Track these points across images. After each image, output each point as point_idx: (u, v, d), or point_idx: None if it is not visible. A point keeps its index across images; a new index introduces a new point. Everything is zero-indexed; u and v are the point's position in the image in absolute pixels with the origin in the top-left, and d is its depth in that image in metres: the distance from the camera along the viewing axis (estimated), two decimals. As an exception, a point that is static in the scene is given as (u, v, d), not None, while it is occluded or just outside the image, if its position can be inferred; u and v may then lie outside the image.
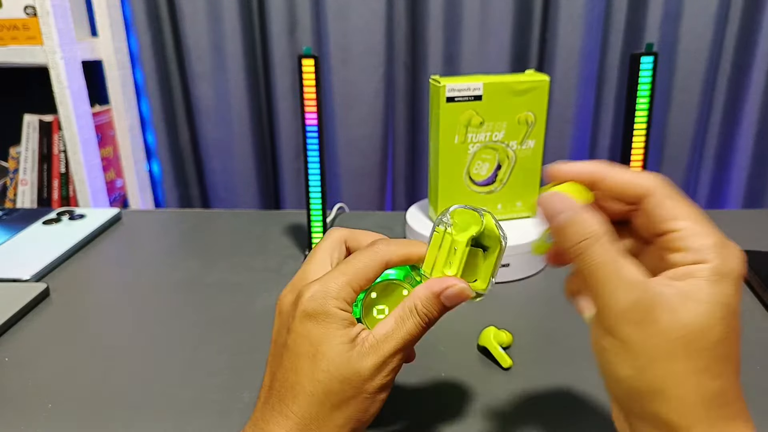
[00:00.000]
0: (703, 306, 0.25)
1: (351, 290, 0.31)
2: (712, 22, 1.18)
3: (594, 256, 0.26)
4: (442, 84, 0.57)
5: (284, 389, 0.30)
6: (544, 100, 0.59)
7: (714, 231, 0.27)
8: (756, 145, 1.28)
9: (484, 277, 0.33)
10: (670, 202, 0.27)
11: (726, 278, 0.25)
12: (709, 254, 0.26)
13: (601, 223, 0.27)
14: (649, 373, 0.25)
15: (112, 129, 1.38)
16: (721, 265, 0.25)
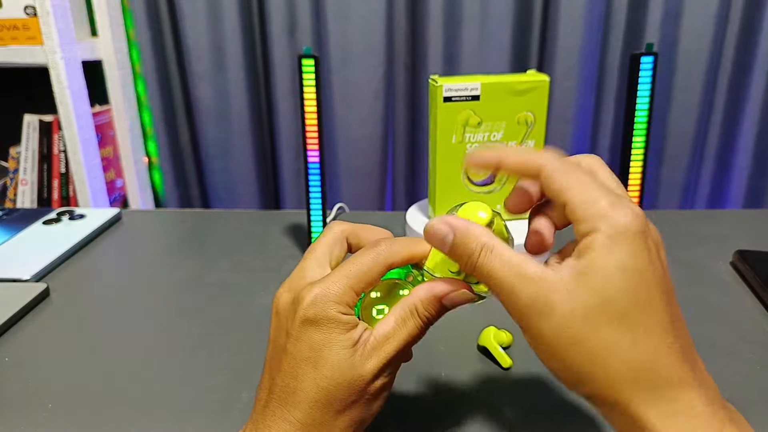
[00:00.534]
0: (598, 280, 0.25)
1: (353, 293, 0.30)
2: (712, 21, 1.18)
3: (488, 265, 0.27)
4: (440, 84, 0.57)
5: (285, 394, 0.30)
6: (543, 101, 0.59)
7: (602, 195, 0.26)
8: (757, 145, 1.28)
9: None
10: (559, 175, 0.27)
11: (619, 242, 0.25)
12: (597, 221, 0.25)
13: (486, 233, 0.28)
14: (569, 361, 0.26)
15: (112, 129, 1.38)
16: (611, 230, 0.25)
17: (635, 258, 0.25)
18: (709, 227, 0.69)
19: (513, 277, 0.26)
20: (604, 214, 0.25)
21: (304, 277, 0.32)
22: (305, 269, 0.32)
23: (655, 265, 0.25)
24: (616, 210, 0.25)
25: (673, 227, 0.69)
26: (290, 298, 0.31)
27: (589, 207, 0.26)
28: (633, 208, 0.26)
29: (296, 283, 0.31)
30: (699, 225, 0.69)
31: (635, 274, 0.25)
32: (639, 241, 0.25)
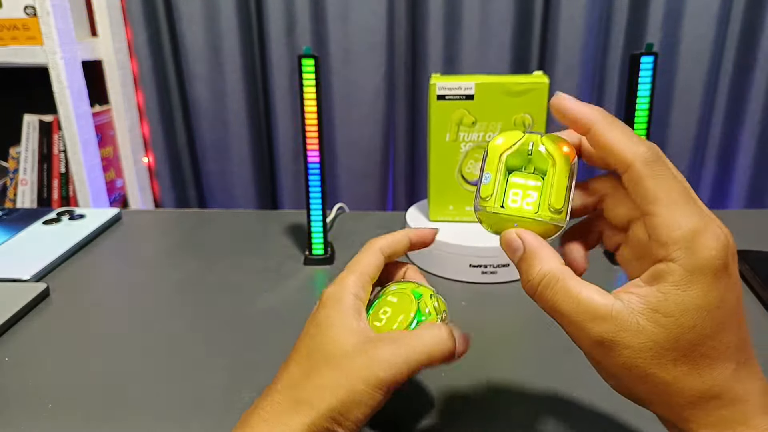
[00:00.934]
0: (671, 319, 0.24)
1: (366, 279, 0.35)
2: (713, 21, 1.18)
3: (551, 298, 0.26)
4: (433, 82, 0.58)
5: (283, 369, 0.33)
6: (543, 103, 0.58)
7: (690, 216, 0.24)
8: (758, 145, 1.28)
9: (545, 203, 0.28)
10: (651, 181, 0.25)
11: (698, 278, 0.24)
12: (679, 251, 0.24)
13: (554, 258, 0.27)
14: (632, 389, 0.26)
15: (112, 129, 1.38)
16: (691, 265, 0.24)
17: (710, 294, 0.24)
18: (710, 227, 0.69)
19: (581, 315, 0.25)
20: (687, 245, 0.24)
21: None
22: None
23: (731, 291, 0.24)
24: (701, 240, 0.24)
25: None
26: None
27: (673, 230, 0.24)
28: (719, 236, 0.24)
29: None
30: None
31: (709, 313, 0.24)
32: (719, 276, 0.24)
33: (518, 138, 0.30)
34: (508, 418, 0.39)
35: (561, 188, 0.28)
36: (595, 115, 0.27)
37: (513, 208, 0.29)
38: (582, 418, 0.39)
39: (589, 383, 0.42)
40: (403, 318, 0.34)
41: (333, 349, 0.31)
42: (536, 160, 0.29)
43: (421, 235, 0.39)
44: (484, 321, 0.51)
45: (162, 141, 1.38)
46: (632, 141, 0.26)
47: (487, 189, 0.29)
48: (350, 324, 0.32)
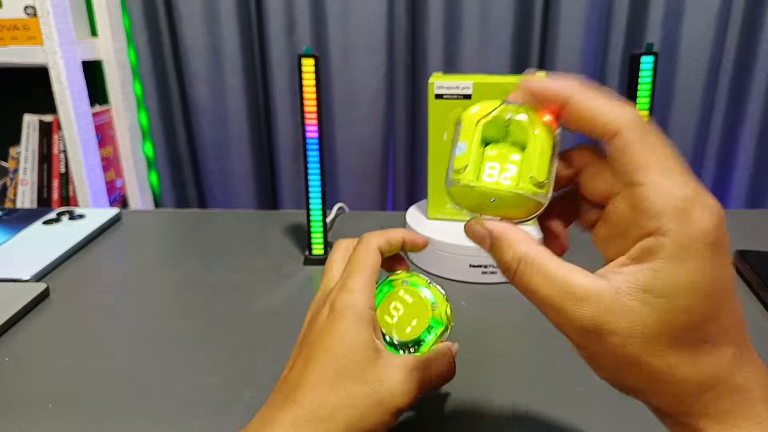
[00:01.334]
0: (663, 299, 0.21)
1: (373, 284, 0.34)
2: (713, 21, 1.18)
3: (528, 282, 0.24)
4: (432, 81, 0.58)
5: (305, 380, 0.31)
6: None
7: (683, 185, 0.22)
8: (758, 145, 1.28)
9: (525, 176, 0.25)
10: (638, 147, 0.22)
11: (692, 253, 0.21)
12: (671, 222, 0.21)
13: (525, 240, 0.24)
14: (624, 379, 0.24)
15: (112, 129, 1.38)
16: (685, 237, 0.21)
17: (708, 272, 0.21)
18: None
19: (560, 296, 0.23)
20: (682, 215, 0.21)
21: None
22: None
23: (725, 267, 0.22)
24: (696, 210, 0.21)
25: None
26: (320, 306, 0.34)
27: (662, 200, 0.21)
28: (712, 206, 0.21)
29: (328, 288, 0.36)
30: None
31: (705, 293, 0.21)
32: (715, 251, 0.21)
33: (495, 106, 0.26)
34: (508, 418, 0.39)
35: (544, 159, 0.25)
36: (571, 87, 0.24)
37: (489, 183, 0.25)
38: (582, 417, 0.39)
39: (589, 382, 0.42)
40: (417, 323, 0.34)
41: (360, 370, 0.31)
42: (515, 132, 0.26)
43: (413, 240, 0.38)
44: (484, 321, 0.51)
45: (162, 141, 1.38)
46: (618, 105, 0.23)
47: (460, 160, 0.26)
48: (373, 344, 0.32)
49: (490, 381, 0.43)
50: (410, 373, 0.31)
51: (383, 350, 0.32)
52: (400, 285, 0.36)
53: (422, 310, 0.35)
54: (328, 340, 0.31)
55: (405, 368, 0.31)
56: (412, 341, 0.34)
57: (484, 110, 0.26)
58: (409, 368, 0.32)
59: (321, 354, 0.31)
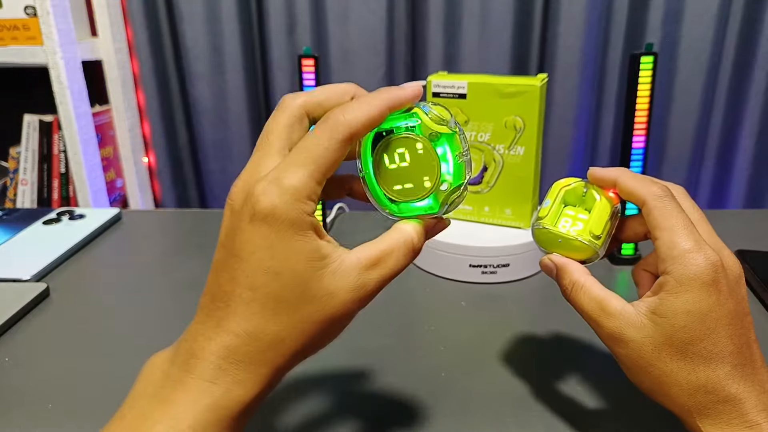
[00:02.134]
0: (665, 319, 0.29)
1: (315, 184, 0.26)
2: (713, 22, 1.18)
3: (577, 300, 0.33)
4: (430, 79, 0.59)
5: (234, 303, 0.26)
6: (534, 107, 0.56)
7: (685, 239, 0.30)
8: (757, 145, 1.28)
9: (587, 230, 0.35)
10: (657, 212, 0.31)
11: (686, 287, 0.29)
12: (673, 265, 0.29)
13: (578, 270, 0.34)
14: (641, 382, 0.31)
15: (112, 129, 1.38)
16: (681, 276, 0.29)
17: (699, 302, 0.29)
18: (709, 227, 0.69)
19: (598, 312, 0.32)
20: (680, 261, 0.29)
21: (259, 171, 0.27)
22: (261, 161, 0.27)
23: (722, 304, 0.29)
24: (691, 258, 0.29)
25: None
26: (243, 195, 0.26)
27: (670, 250, 0.30)
28: (709, 257, 0.29)
29: (251, 177, 0.27)
30: (699, 225, 0.69)
31: (698, 316, 0.29)
32: (706, 287, 0.29)
33: (574, 180, 0.36)
34: (508, 417, 0.39)
35: (602, 220, 0.35)
36: (618, 172, 0.34)
37: (563, 231, 0.35)
38: (582, 416, 0.39)
39: (588, 382, 0.42)
40: (429, 176, 0.30)
41: (303, 287, 0.26)
42: (588, 200, 0.36)
43: (401, 99, 0.29)
44: (484, 321, 0.51)
45: (163, 140, 1.39)
46: (647, 183, 0.33)
47: (544, 210, 0.36)
48: (316, 252, 0.26)
49: (489, 381, 0.43)
50: (366, 274, 0.27)
51: (329, 253, 0.26)
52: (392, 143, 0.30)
53: (430, 163, 0.30)
54: (256, 252, 0.25)
55: (358, 270, 0.27)
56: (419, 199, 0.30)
57: (566, 182, 0.37)
58: (364, 267, 0.27)
59: (252, 271, 0.25)
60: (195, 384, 0.26)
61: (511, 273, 0.58)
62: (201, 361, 0.26)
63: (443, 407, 0.40)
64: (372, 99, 0.28)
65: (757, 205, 1.32)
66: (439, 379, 0.43)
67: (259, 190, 0.25)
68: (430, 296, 0.56)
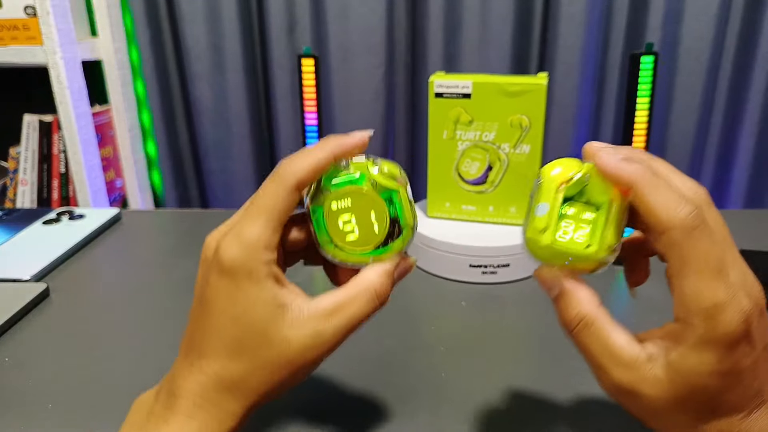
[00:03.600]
0: (686, 378, 0.25)
1: (270, 233, 0.28)
2: (713, 22, 1.18)
3: (583, 340, 0.28)
4: (432, 79, 0.58)
5: (203, 346, 0.28)
6: (540, 105, 0.57)
7: (720, 286, 0.24)
8: (757, 145, 1.28)
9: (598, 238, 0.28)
10: (679, 250, 0.25)
11: (713, 346, 0.24)
12: (698, 320, 0.25)
13: (591, 300, 0.28)
14: (648, 423, 0.28)
15: (112, 129, 1.38)
16: (710, 333, 0.24)
17: (725, 360, 0.25)
18: (710, 227, 0.69)
19: (607, 359, 0.27)
20: (707, 316, 0.24)
21: (229, 226, 0.30)
22: (235, 218, 0.30)
23: (750, 354, 0.25)
24: (721, 315, 0.24)
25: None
26: (213, 248, 0.29)
27: (696, 300, 0.25)
28: (742, 309, 0.24)
29: (220, 232, 0.30)
30: (699, 225, 0.69)
31: (721, 375, 0.25)
32: (735, 344, 0.24)
33: (575, 169, 0.29)
34: (509, 417, 0.39)
35: (619, 225, 0.28)
36: (637, 175, 0.26)
37: (564, 242, 0.28)
38: (583, 419, 0.39)
39: (590, 382, 0.42)
40: (377, 221, 0.30)
41: (262, 334, 0.27)
42: (591, 192, 0.28)
43: (349, 146, 0.30)
44: (484, 321, 0.51)
45: (164, 140, 1.39)
46: (673, 205, 0.25)
47: (542, 221, 0.28)
48: (274, 300, 0.28)
49: (490, 381, 0.43)
50: (323, 323, 0.28)
51: (288, 302, 0.28)
52: (331, 190, 0.30)
53: (370, 202, 0.30)
54: (220, 301, 0.28)
55: (316, 319, 0.28)
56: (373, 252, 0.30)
57: (565, 173, 0.29)
58: (321, 316, 0.28)
59: (217, 318, 0.28)
60: (176, 419, 0.28)
61: (512, 273, 0.58)
62: (180, 399, 0.28)
63: (443, 407, 0.40)
64: (317, 148, 0.29)
65: (757, 205, 1.32)
66: (439, 379, 0.43)
67: (222, 245, 0.28)
68: (430, 296, 0.56)
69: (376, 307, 0.29)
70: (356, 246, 0.30)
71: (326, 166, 0.29)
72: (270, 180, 0.29)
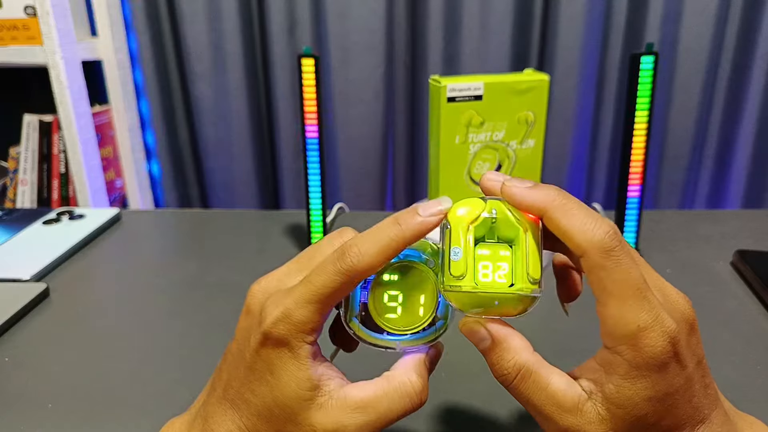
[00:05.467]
0: (625, 410, 0.25)
1: (319, 317, 0.27)
2: (711, 22, 1.18)
3: (524, 392, 0.27)
4: (443, 84, 0.57)
5: (238, 400, 0.29)
6: (543, 100, 0.59)
7: (637, 312, 0.24)
8: (756, 144, 1.28)
9: (520, 274, 0.27)
10: (600, 272, 0.25)
11: (643, 371, 0.24)
12: (623, 347, 0.25)
13: (525, 348, 0.27)
14: None
15: (112, 129, 1.38)
16: (636, 360, 0.24)
17: (659, 384, 0.25)
18: (710, 227, 0.69)
19: (550, 407, 0.26)
20: (634, 342, 0.24)
21: (284, 284, 0.30)
22: (290, 275, 0.30)
23: (682, 373, 0.25)
24: (646, 338, 0.24)
25: (674, 227, 0.69)
26: (262, 303, 0.29)
27: (619, 326, 0.25)
28: (665, 329, 0.24)
29: (273, 287, 0.30)
30: (699, 225, 0.69)
31: (659, 399, 0.25)
32: (665, 366, 0.24)
33: (481, 207, 0.27)
34: (509, 417, 0.39)
35: (536, 256, 0.27)
36: (548, 199, 0.26)
37: (487, 284, 0.27)
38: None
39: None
40: (426, 302, 0.29)
41: (291, 414, 0.27)
42: (501, 228, 0.27)
43: (421, 229, 0.28)
44: (484, 321, 0.51)
45: (165, 140, 1.39)
46: (589, 227, 0.25)
47: (459, 267, 0.27)
48: (308, 383, 0.27)
49: (490, 381, 0.43)
50: (348, 417, 0.27)
51: (321, 386, 0.28)
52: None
53: (420, 282, 0.29)
54: (259, 365, 0.28)
55: (343, 411, 0.27)
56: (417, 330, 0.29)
57: (472, 213, 0.27)
58: (349, 410, 0.27)
59: (255, 380, 0.28)
60: None
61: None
62: None
63: (443, 407, 0.40)
64: (390, 236, 0.27)
65: (756, 204, 1.32)
66: (440, 379, 0.43)
67: (271, 317, 0.27)
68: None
69: (411, 406, 0.28)
70: (393, 326, 0.29)
71: (397, 253, 0.27)
72: (331, 267, 0.27)
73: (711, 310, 0.51)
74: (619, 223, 0.60)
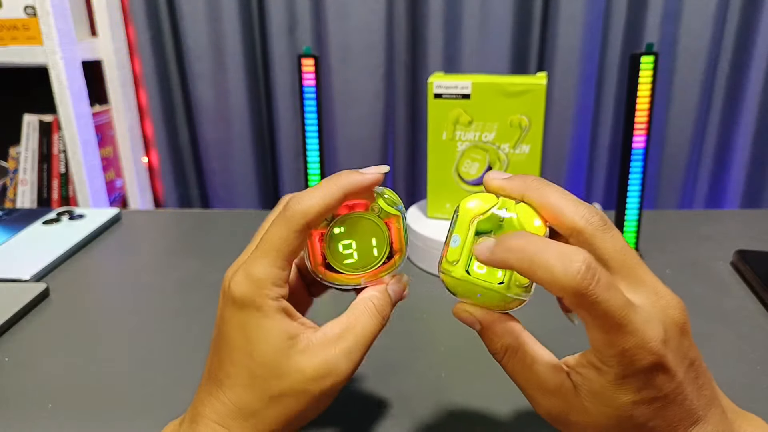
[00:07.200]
0: (611, 408, 0.26)
1: (278, 271, 0.28)
2: (710, 22, 1.18)
3: (510, 369, 0.28)
4: (431, 80, 0.58)
5: (221, 375, 0.29)
6: (540, 105, 0.57)
7: (620, 338, 0.24)
8: (754, 144, 1.28)
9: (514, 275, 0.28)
10: (581, 311, 0.25)
11: (630, 380, 0.25)
12: (612, 362, 0.25)
13: (513, 332, 0.28)
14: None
15: (111, 129, 1.38)
16: (624, 371, 0.25)
17: (648, 389, 0.25)
18: (709, 227, 0.69)
19: (535, 387, 0.28)
20: (618, 360, 0.25)
21: (242, 260, 0.31)
22: (248, 250, 0.31)
23: (673, 378, 0.25)
24: (630, 357, 0.25)
25: (673, 227, 0.69)
26: (227, 279, 0.30)
27: (605, 349, 0.25)
28: (651, 349, 0.24)
29: (236, 265, 0.31)
30: (699, 225, 0.70)
31: (647, 402, 0.25)
32: (654, 373, 0.25)
33: (492, 203, 0.29)
34: (509, 417, 0.39)
35: None
36: (524, 185, 0.28)
37: (479, 275, 0.28)
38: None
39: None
40: (378, 244, 0.31)
41: (274, 366, 0.28)
42: (507, 228, 0.28)
43: (360, 184, 0.30)
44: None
45: (165, 140, 1.39)
46: (574, 204, 0.27)
47: (454, 253, 0.29)
48: (284, 333, 0.28)
49: (490, 381, 0.43)
50: (333, 348, 0.28)
51: (298, 333, 0.29)
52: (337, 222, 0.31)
53: (368, 227, 0.31)
54: (233, 334, 0.29)
55: (326, 345, 0.28)
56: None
57: (481, 207, 0.29)
58: (330, 342, 0.29)
59: (232, 351, 0.29)
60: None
61: (511, 273, 0.58)
62: (201, 425, 0.29)
63: (443, 407, 0.40)
64: (327, 186, 0.29)
65: (754, 204, 1.32)
66: (440, 379, 0.43)
67: (233, 282, 0.29)
68: (430, 296, 0.56)
69: (380, 322, 0.30)
70: (352, 269, 0.31)
71: (336, 207, 0.29)
72: (277, 220, 0.29)
73: (711, 310, 0.51)
74: (619, 224, 0.60)
